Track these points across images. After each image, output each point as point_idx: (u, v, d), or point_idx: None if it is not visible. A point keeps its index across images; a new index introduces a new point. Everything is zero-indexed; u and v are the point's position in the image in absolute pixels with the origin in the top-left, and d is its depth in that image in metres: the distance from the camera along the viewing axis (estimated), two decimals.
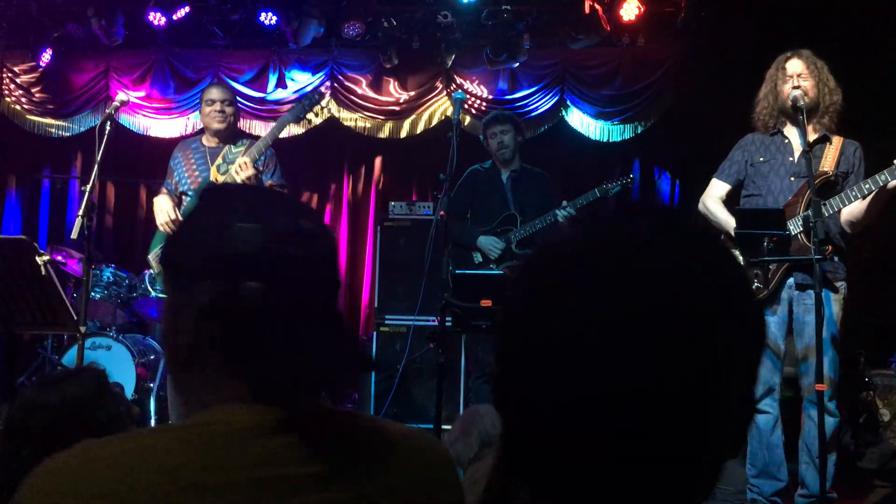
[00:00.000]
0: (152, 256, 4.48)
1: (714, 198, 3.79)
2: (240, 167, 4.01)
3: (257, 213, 1.08)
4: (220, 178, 4.19)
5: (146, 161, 7.07)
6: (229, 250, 1.05)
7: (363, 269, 7.14)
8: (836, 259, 3.47)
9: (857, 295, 3.72)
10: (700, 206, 3.87)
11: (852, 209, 3.45)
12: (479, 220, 4.68)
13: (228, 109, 4.30)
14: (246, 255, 1.04)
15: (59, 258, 5.83)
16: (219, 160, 4.29)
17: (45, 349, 5.65)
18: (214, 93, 4.34)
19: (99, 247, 6.73)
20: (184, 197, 4.36)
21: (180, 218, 4.21)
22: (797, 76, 3.52)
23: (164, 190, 4.45)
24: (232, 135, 4.38)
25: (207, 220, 1.09)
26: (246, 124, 6.77)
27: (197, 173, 4.34)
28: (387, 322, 5.92)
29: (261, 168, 4.20)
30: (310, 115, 5.53)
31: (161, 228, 4.27)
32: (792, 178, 3.51)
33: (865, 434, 4.70)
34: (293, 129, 6.90)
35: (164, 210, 4.25)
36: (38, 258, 2.64)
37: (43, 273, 2.64)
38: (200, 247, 1.07)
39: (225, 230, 1.05)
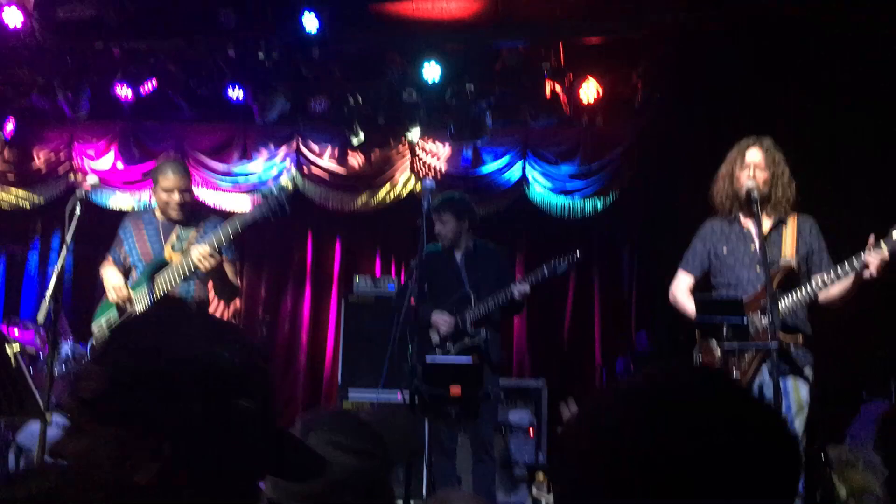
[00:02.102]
0: (95, 325, 4.35)
1: (682, 290, 3.87)
2: (202, 258, 3.92)
3: (220, 335, 1.15)
4: (175, 257, 4.13)
5: (105, 232, 7.00)
6: (219, 371, 1.09)
7: (326, 342, 7.12)
8: (802, 349, 3.54)
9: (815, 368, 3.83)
10: (670, 297, 3.96)
11: (828, 293, 3.53)
12: (436, 300, 4.67)
13: (186, 196, 4.21)
14: (235, 374, 1.10)
15: (15, 331, 5.72)
16: (173, 238, 4.23)
17: None
18: (170, 180, 4.18)
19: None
20: (133, 270, 4.28)
21: (130, 294, 4.14)
22: (754, 167, 3.65)
23: (111, 258, 4.33)
24: (188, 216, 4.31)
25: (175, 347, 1.12)
26: (210, 196, 6.78)
27: (148, 245, 4.27)
28: (350, 397, 5.91)
29: (224, 258, 4.15)
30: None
31: (113, 302, 4.18)
32: (758, 268, 3.57)
33: None
34: (256, 201, 6.94)
35: (116, 286, 4.15)
36: (8, 348, 2.62)
37: (13, 364, 2.61)
38: (183, 370, 1.09)
39: (206, 355, 1.10)
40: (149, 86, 6.53)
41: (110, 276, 4.21)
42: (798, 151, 4.10)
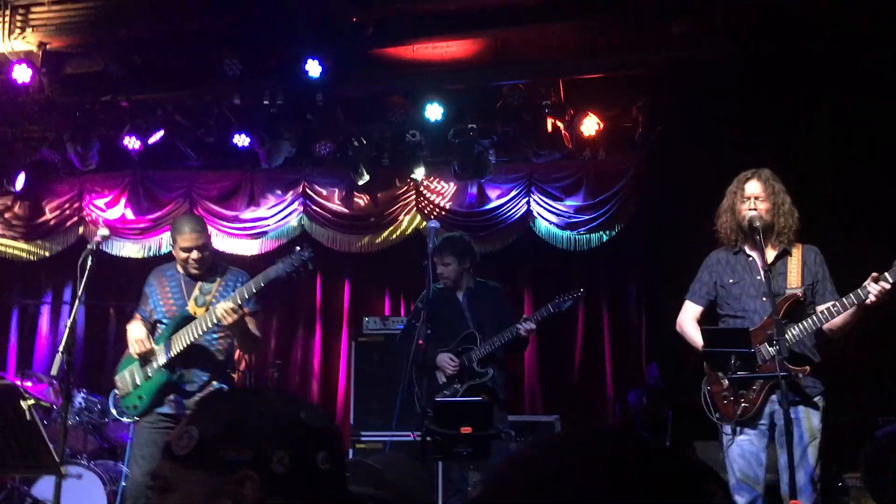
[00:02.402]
0: (119, 378, 4.40)
1: (689, 320, 3.89)
2: (226, 313, 3.97)
3: (297, 400, 1.33)
4: (199, 311, 4.19)
5: (115, 283, 7.10)
6: (302, 426, 1.26)
7: (338, 384, 7.13)
8: (811, 378, 3.55)
9: (829, 396, 3.82)
10: (677, 327, 3.98)
11: (832, 323, 3.54)
12: (441, 340, 4.69)
13: (205, 253, 4.26)
14: (315, 431, 1.26)
15: (29, 384, 5.76)
16: (195, 292, 4.29)
17: (13, 479, 5.51)
18: (188, 239, 4.20)
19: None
20: (158, 325, 4.34)
21: (153, 346, 4.18)
22: (754, 198, 3.69)
23: (139, 316, 4.41)
24: (208, 271, 4.36)
25: (260, 406, 1.29)
26: (220, 242, 6.85)
27: (172, 302, 4.33)
28: (363, 438, 5.90)
29: (246, 310, 4.20)
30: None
31: (134, 356, 4.23)
32: (764, 298, 3.59)
33: None
34: (266, 246, 7.01)
35: (138, 339, 4.20)
36: (22, 403, 2.65)
37: (28, 418, 2.65)
38: (268, 427, 1.25)
39: (289, 412, 1.27)
40: (156, 136, 6.63)
41: (133, 330, 4.25)
42: (800, 179, 4.14)
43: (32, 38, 6.10)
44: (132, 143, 6.60)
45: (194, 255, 4.17)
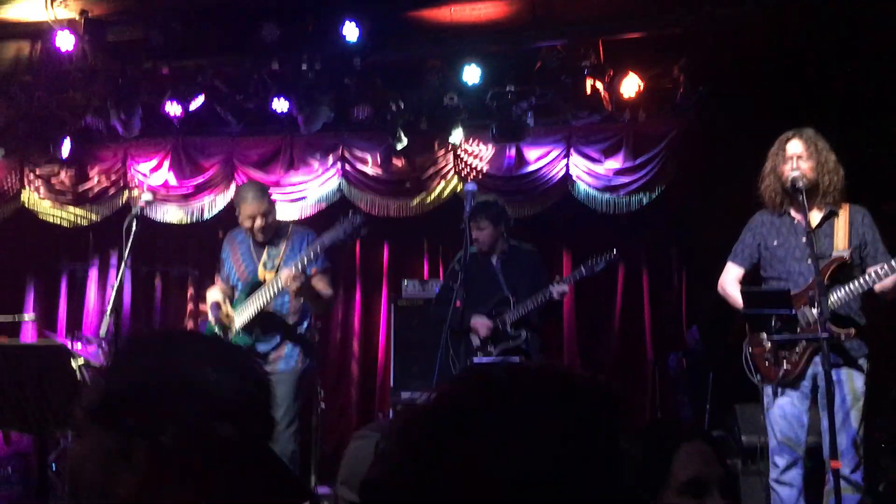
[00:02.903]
0: None
1: (731, 281, 3.85)
2: (289, 279, 4.06)
3: (218, 359, 1.17)
4: (268, 275, 4.30)
5: (161, 248, 7.24)
6: (202, 394, 1.12)
7: (377, 347, 7.21)
8: (856, 340, 3.49)
9: (881, 363, 3.75)
10: (719, 288, 3.94)
11: (884, 284, 3.47)
12: (475, 304, 4.70)
13: (269, 219, 4.37)
14: (220, 400, 1.12)
15: (79, 346, 5.92)
16: (264, 256, 4.43)
17: (66, 437, 5.69)
18: (251, 207, 4.32)
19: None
20: (234, 289, 4.50)
21: (230, 311, 4.32)
22: (796, 157, 3.62)
23: (219, 279, 4.61)
24: (274, 234, 4.45)
25: (168, 366, 1.17)
26: None
27: (244, 267, 4.49)
28: (402, 400, 5.98)
29: (315, 270, 4.30)
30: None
31: (211, 321, 4.38)
32: (809, 261, 3.51)
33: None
34: (306, 211, 7.07)
35: (213, 302, 4.36)
36: (73, 363, 2.74)
37: (78, 378, 2.73)
38: (167, 391, 1.13)
39: (195, 376, 1.14)
40: (197, 102, 6.69)
41: (210, 294, 4.46)
42: (846, 139, 4.04)
43: (74, 6, 6.17)
44: (174, 109, 6.67)
45: (258, 221, 4.30)
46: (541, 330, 4.93)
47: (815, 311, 3.31)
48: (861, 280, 3.44)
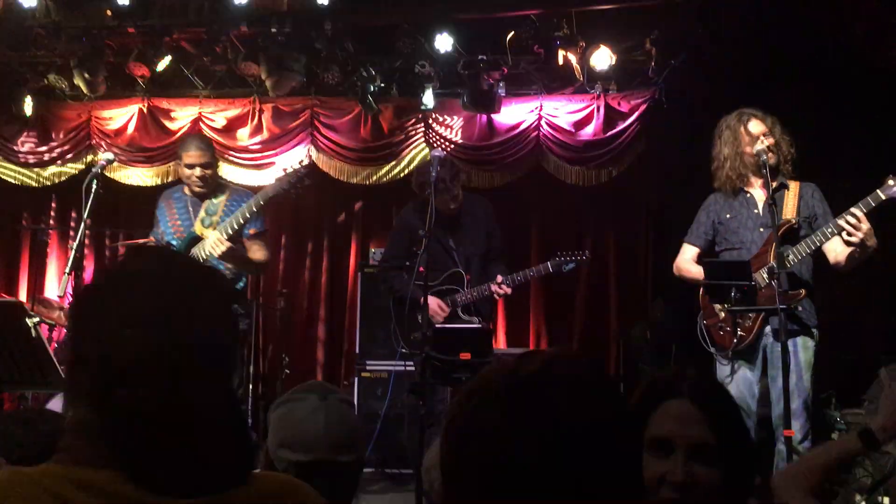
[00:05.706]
0: None
1: (687, 260, 3.97)
2: (215, 245, 4.06)
3: (151, 312, 1.09)
4: (206, 231, 4.25)
5: (124, 210, 7.14)
6: (108, 357, 1.07)
7: (343, 314, 7.20)
8: (807, 301, 3.61)
9: (829, 331, 3.85)
10: (675, 271, 4.03)
11: (839, 255, 3.60)
12: (427, 272, 4.63)
13: (208, 172, 4.36)
14: (124, 365, 1.06)
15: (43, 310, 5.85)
16: (202, 213, 4.36)
17: (27, 397, 5.64)
18: (193, 156, 4.33)
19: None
20: (169, 247, 4.43)
21: None
22: (762, 135, 3.72)
23: (152, 239, 4.52)
24: (212, 190, 4.43)
25: (100, 319, 1.10)
26: (228, 172, 6.84)
27: (179, 223, 4.41)
28: (368, 368, 5.99)
29: (252, 231, 4.27)
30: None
31: None
32: (761, 229, 3.70)
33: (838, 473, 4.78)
34: (273, 176, 6.99)
35: None
36: (28, 320, 2.70)
37: (33, 335, 2.69)
38: (89, 342, 1.10)
39: (108, 336, 1.08)
40: (164, 63, 6.57)
41: None
42: (811, 113, 4.10)
43: None
44: (140, 69, 6.55)
45: (197, 171, 4.27)
46: (516, 301, 4.95)
47: (766, 276, 3.43)
48: (811, 239, 3.55)
